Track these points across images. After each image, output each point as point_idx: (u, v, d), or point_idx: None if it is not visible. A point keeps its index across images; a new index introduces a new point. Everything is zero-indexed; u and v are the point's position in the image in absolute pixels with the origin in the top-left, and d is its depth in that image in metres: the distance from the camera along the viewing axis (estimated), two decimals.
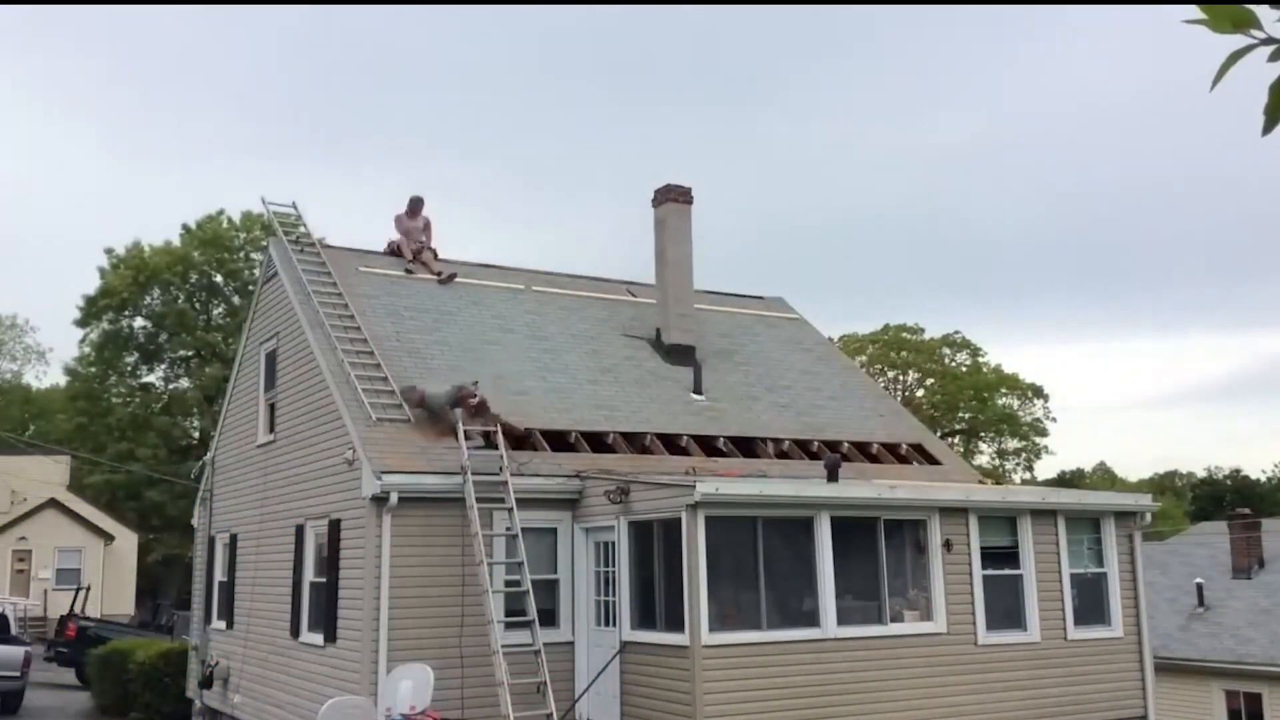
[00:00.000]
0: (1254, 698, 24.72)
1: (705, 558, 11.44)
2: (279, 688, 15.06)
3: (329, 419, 14.21)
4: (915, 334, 59.79)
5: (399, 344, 15.39)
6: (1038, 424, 60.26)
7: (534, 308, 17.90)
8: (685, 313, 18.01)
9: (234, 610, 17.34)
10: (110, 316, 45.67)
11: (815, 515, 12.30)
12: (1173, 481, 77.71)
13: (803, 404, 17.80)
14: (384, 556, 12.44)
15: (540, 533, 13.43)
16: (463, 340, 16.20)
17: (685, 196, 18.34)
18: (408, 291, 16.97)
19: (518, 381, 15.53)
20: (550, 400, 15.38)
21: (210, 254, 45.87)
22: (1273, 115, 2.16)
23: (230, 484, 18.63)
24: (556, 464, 13.96)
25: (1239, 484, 62.03)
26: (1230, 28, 2.11)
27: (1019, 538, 13.88)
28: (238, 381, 19.03)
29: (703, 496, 11.34)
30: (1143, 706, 14.34)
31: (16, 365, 59.14)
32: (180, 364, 47.31)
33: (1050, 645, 13.74)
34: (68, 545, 39.15)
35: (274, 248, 17.35)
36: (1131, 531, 14.77)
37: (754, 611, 11.84)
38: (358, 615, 12.59)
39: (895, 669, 12.46)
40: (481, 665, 12.18)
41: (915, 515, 13.17)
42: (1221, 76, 2.19)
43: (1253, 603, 26.96)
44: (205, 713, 18.16)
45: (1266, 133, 2.17)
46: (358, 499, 12.83)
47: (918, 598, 13.05)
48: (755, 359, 18.87)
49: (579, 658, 13.30)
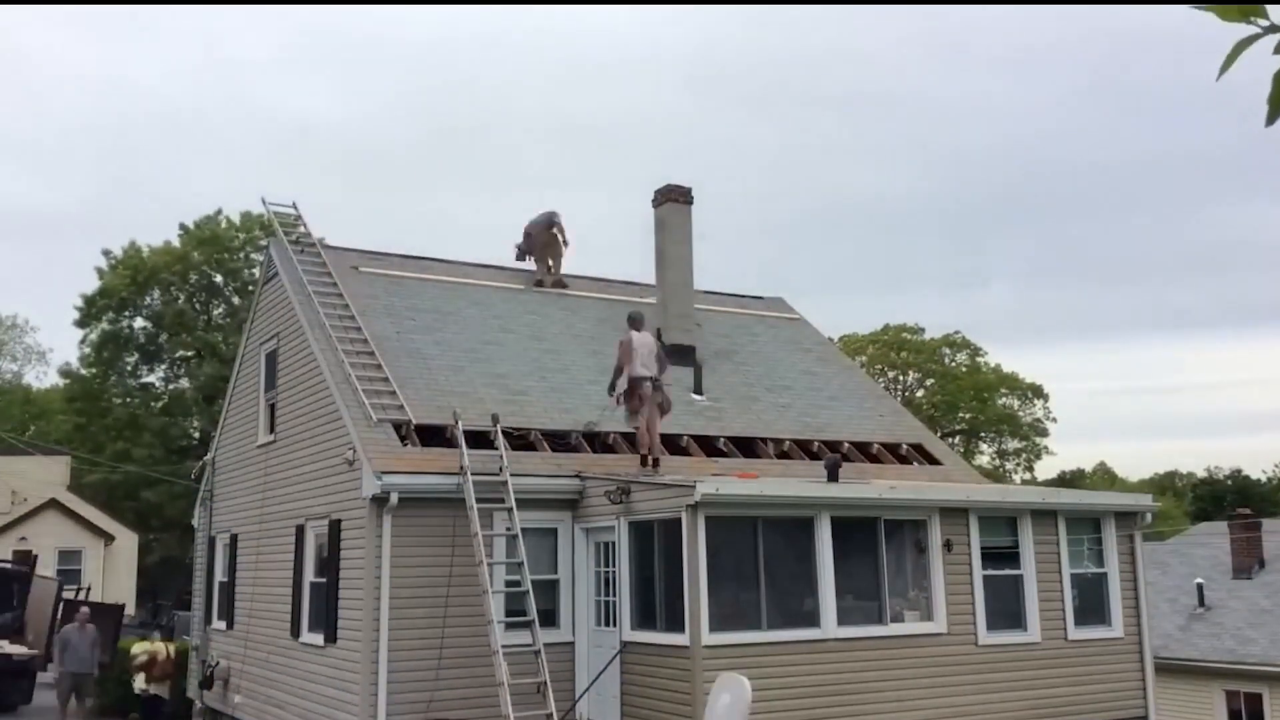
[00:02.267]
0: (1254, 698, 24.70)
1: (705, 558, 11.44)
2: (279, 688, 15.06)
3: (329, 419, 14.20)
4: (915, 334, 59.79)
5: (399, 344, 15.38)
6: (1038, 424, 60.28)
7: (534, 308, 17.90)
8: (685, 313, 18.01)
9: (234, 610, 17.33)
10: (110, 317, 45.66)
11: (815, 515, 12.29)
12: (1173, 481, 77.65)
13: (803, 404, 17.80)
14: (384, 557, 12.44)
15: (540, 533, 13.42)
16: (463, 340, 16.20)
17: (685, 196, 18.34)
18: (408, 291, 16.97)
19: (518, 381, 15.53)
20: (550, 400, 15.37)
21: (209, 254, 45.85)
22: (1276, 105, 2.15)
23: (230, 484, 18.62)
24: (556, 464, 13.96)
25: (1239, 484, 61.95)
26: (1238, 16, 2.10)
27: (1019, 538, 13.87)
28: (238, 382, 19.03)
29: (703, 497, 11.33)
30: (1143, 707, 14.33)
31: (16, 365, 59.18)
32: (180, 364, 47.29)
33: (1051, 645, 13.73)
34: (68, 546, 39.07)
35: (274, 248, 17.36)
36: (1132, 532, 14.76)
37: (754, 612, 11.83)
38: (358, 615, 12.58)
39: (895, 669, 12.45)
40: (482, 665, 12.17)
41: (915, 515, 13.17)
42: (1229, 65, 2.18)
43: (1253, 603, 26.94)
44: (205, 713, 18.15)
45: (1271, 123, 2.17)
46: (358, 499, 12.82)
47: (918, 598, 13.04)
48: (755, 359, 18.86)
49: (579, 658, 13.29)
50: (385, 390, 14.02)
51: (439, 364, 15.34)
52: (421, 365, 15.14)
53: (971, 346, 59.97)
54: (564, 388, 15.80)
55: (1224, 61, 2.17)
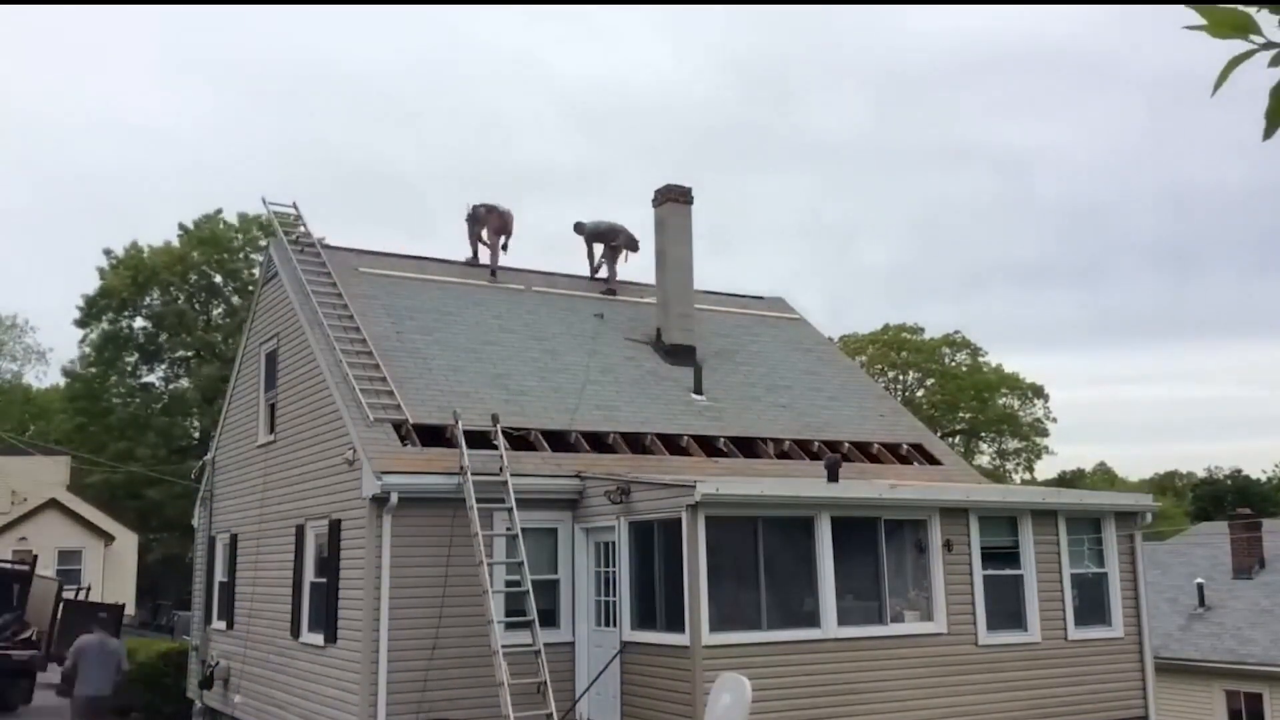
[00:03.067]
0: (1255, 698, 24.70)
1: (705, 558, 11.43)
2: (279, 688, 15.05)
3: (329, 419, 14.20)
4: (915, 334, 59.80)
5: (399, 344, 15.38)
6: (1038, 424, 60.27)
7: (534, 308, 17.88)
8: (685, 313, 18.01)
9: (234, 610, 17.33)
10: (110, 317, 45.68)
11: (815, 515, 12.29)
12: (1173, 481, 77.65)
13: (803, 404, 17.79)
14: (384, 557, 12.43)
15: (540, 533, 13.42)
16: (462, 340, 16.19)
17: (685, 197, 18.33)
18: (408, 291, 16.96)
19: (518, 381, 15.52)
20: (551, 400, 15.36)
21: (209, 254, 45.86)
22: (1273, 120, 2.14)
23: (230, 484, 18.62)
24: (556, 464, 13.96)
25: (1239, 484, 61.92)
26: (1230, 32, 2.09)
27: (1019, 538, 13.87)
28: (238, 381, 19.02)
29: (703, 497, 11.33)
30: (1143, 707, 14.33)
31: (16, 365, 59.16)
32: (180, 364, 47.33)
33: (1051, 645, 13.73)
34: (68, 545, 39.06)
35: (274, 248, 17.35)
36: (1132, 531, 14.75)
37: (754, 611, 11.83)
38: (358, 615, 12.58)
39: (896, 669, 12.44)
40: (482, 665, 12.17)
41: (916, 515, 13.16)
42: (1223, 81, 2.18)
43: (1253, 603, 26.93)
44: (205, 713, 18.14)
45: (1267, 137, 2.16)
46: (358, 499, 12.81)
47: (918, 598, 13.03)
48: (756, 359, 18.85)
49: (579, 658, 13.29)
50: (384, 390, 14.02)
51: (439, 364, 15.33)
52: (421, 365, 15.13)
53: (972, 346, 60.01)
54: (564, 388, 15.79)
55: (1218, 77, 2.17)
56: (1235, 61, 2.12)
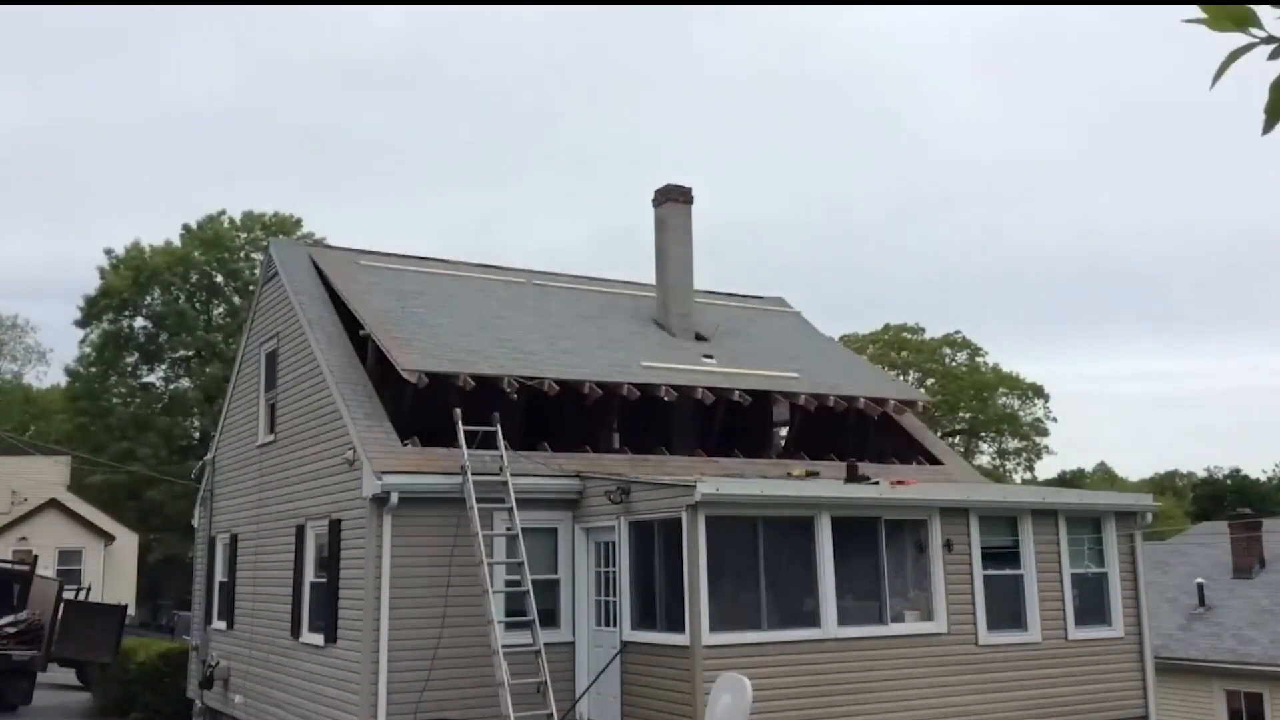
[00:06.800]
0: (1255, 697, 24.69)
1: (706, 558, 11.43)
2: (279, 688, 15.06)
3: (329, 419, 14.20)
4: (915, 334, 59.79)
5: (404, 315, 15.40)
6: (1038, 424, 60.26)
7: (537, 295, 18.11)
8: (686, 312, 18.08)
9: (234, 610, 17.33)
10: (110, 317, 45.69)
11: (816, 515, 12.29)
12: (1173, 481, 77.62)
13: (815, 369, 17.96)
14: (384, 556, 12.44)
15: (540, 533, 13.42)
16: (469, 315, 16.31)
17: (685, 196, 18.39)
18: (411, 280, 17.05)
19: (527, 345, 15.65)
20: (561, 359, 15.49)
21: (211, 254, 45.87)
22: (1273, 114, 2.14)
23: (230, 484, 18.62)
24: (557, 464, 13.96)
25: (1239, 484, 61.95)
26: (1230, 26, 2.09)
27: (1020, 538, 13.87)
28: (238, 381, 19.02)
29: (703, 497, 11.33)
30: (1143, 706, 14.33)
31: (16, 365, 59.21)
32: (180, 364, 47.33)
33: (1051, 645, 13.73)
34: (68, 546, 39.10)
35: (274, 248, 17.38)
36: (1132, 531, 14.76)
37: (754, 611, 11.83)
38: (358, 615, 12.58)
39: (896, 669, 12.45)
40: (482, 665, 12.17)
41: (916, 515, 13.17)
42: (1221, 74, 2.18)
43: (1254, 603, 26.93)
44: (205, 713, 18.15)
45: (1267, 131, 2.16)
46: (358, 499, 12.82)
47: (918, 598, 13.03)
48: (763, 336, 19.35)
49: (579, 658, 13.29)
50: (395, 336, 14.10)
51: (446, 330, 15.44)
52: (429, 331, 15.20)
53: (972, 346, 59.98)
54: (573, 350, 15.95)
55: (1216, 71, 2.17)
56: (1234, 55, 2.13)
